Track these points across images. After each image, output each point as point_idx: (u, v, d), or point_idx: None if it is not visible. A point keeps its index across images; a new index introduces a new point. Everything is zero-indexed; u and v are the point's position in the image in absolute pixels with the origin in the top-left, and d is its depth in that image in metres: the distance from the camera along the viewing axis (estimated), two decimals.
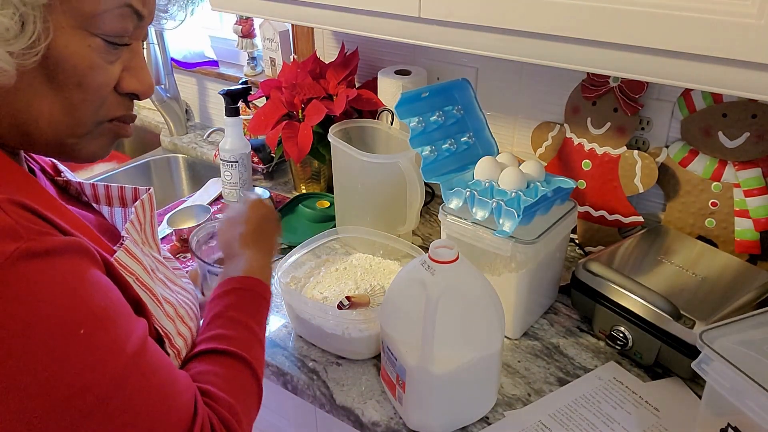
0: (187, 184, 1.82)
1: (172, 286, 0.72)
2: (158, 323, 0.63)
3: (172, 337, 0.65)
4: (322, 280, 1.08)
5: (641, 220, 1.15)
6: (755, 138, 1.03)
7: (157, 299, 0.64)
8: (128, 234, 0.65)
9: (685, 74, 0.75)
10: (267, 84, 1.38)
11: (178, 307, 0.69)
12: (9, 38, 0.49)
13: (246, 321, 0.71)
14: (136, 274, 0.62)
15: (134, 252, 0.63)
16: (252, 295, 0.74)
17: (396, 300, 0.86)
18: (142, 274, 0.63)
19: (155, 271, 0.68)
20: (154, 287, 0.64)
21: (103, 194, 0.72)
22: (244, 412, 0.65)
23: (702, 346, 0.74)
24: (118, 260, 0.60)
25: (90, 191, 0.72)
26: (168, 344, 0.64)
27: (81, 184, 0.72)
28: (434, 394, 0.82)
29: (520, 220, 0.90)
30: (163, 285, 0.69)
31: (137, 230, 0.68)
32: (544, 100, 1.25)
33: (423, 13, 0.92)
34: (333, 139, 1.18)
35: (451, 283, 0.79)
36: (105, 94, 0.58)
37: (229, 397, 0.63)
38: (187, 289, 0.76)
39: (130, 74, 0.59)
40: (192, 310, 0.73)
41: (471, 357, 0.81)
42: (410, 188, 1.13)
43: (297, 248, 1.09)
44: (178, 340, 0.66)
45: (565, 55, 0.83)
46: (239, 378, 0.67)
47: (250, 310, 0.73)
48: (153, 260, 0.69)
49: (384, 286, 1.05)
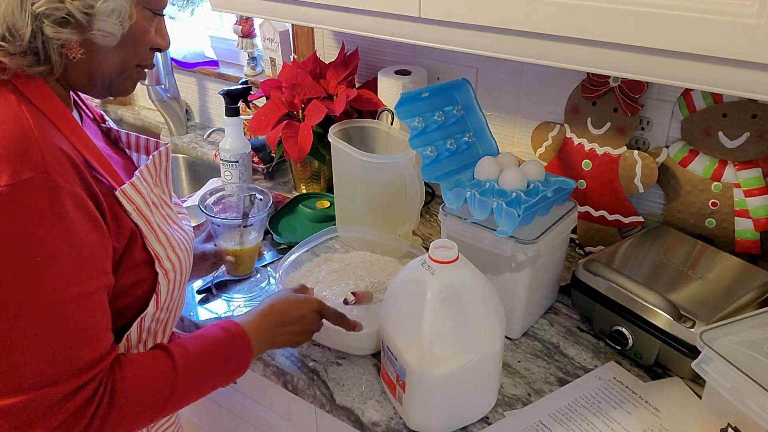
0: (187, 184, 1.82)
1: (170, 222, 0.85)
2: (150, 245, 0.79)
3: (161, 258, 0.80)
4: (323, 279, 1.08)
5: (641, 220, 1.15)
6: (755, 138, 1.02)
7: (152, 227, 0.79)
8: (140, 175, 0.79)
9: (685, 74, 0.75)
10: (267, 84, 1.38)
11: (170, 238, 0.82)
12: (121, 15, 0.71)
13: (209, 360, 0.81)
14: (136, 203, 0.77)
15: (139, 187, 0.78)
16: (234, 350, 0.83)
17: (396, 300, 0.86)
18: (141, 205, 0.78)
19: (158, 207, 0.83)
20: (150, 217, 0.79)
21: (134, 143, 0.88)
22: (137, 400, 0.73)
23: (702, 346, 0.75)
24: (124, 191, 0.75)
25: (125, 139, 0.89)
26: (157, 264, 0.79)
27: (119, 131, 0.89)
28: (434, 395, 0.82)
29: (520, 220, 0.90)
30: (163, 219, 0.83)
31: (150, 174, 0.82)
32: (544, 100, 1.25)
33: (423, 13, 0.92)
34: (333, 139, 1.18)
35: (451, 283, 0.79)
36: (146, 50, 0.79)
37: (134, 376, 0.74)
38: (185, 229, 0.89)
39: (159, 35, 0.80)
40: (184, 244, 0.85)
41: (471, 357, 0.82)
42: (410, 188, 1.13)
43: (296, 247, 1.09)
44: (166, 262, 0.81)
45: (565, 55, 0.83)
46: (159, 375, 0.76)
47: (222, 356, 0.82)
48: (159, 199, 0.84)
49: (384, 282, 1.05)
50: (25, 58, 0.69)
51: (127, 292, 0.77)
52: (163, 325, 0.86)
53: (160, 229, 0.81)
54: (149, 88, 1.75)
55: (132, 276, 0.77)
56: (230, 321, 0.85)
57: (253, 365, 1.01)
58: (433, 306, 0.78)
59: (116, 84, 0.79)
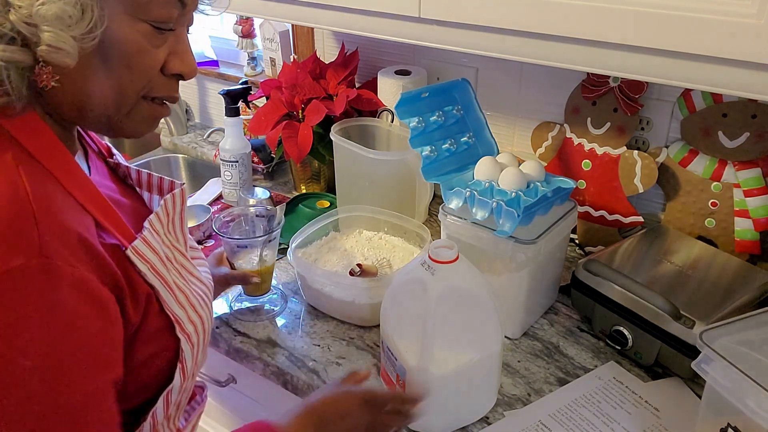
0: (187, 184, 1.81)
1: (187, 276, 0.74)
2: (169, 308, 0.67)
3: (182, 322, 0.69)
4: (330, 256, 1.13)
5: (641, 220, 1.15)
6: (755, 138, 1.02)
7: (169, 287, 0.68)
8: (150, 225, 0.68)
9: (685, 74, 0.75)
10: (267, 84, 1.39)
11: (190, 296, 0.71)
12: (71, 24, 0.56)
13: None
14: (150, 262, 0.66)
15: (151, 242, 0.67)
16: None
17: (396, 300, 0.86)
18: (156, 263, 0.66)
19: (172, 261, 0.71)
20: (167, 275, 0.68)
21: (145, 181, 0.77)
22: None
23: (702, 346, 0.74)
24: (135, 248, 0.64)
25: (135, 176, 0.78)
26: (178, 329, 0.68)
27: (128, 168, 0.78)
28: (434, 394, 0.82)
29: (520, 220, 0.90)
30: (179, 274, 0.72)
31: (161, 222, 0.71)
32: (544, 100, 1.25)
33: (423, 13, 0.92)
34: (337, 138, 1.19)
35: (451, 283, 0.79)
36: (151, 75, 0.64)
37: None
38: (203, 280, 0.78)
39: (175, 57, 0.65)
40: (204, 300, 0.75)
41: (471, 357, 0.82)
42: (419, 183, 1.14)
43: (305, 227, 1.12)
44: (188, 325, 0.70)
45: (565, 55, 0.83)
46: None
47: None
48: (173, 250, 0.73)
49: (389, 259, 1.11)
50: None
51: (145, 367, 0.66)
52: (187, 394, 0.76)
53: (178, 287, 0.69)
54: None
55: (150, 348, 0.66)
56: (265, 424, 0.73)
57: (253, 365, 1.01)
58: (433, 306, 0.78)
59: (117, 121, 0.64)
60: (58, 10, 0.55)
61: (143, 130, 0.68)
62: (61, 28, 0.55)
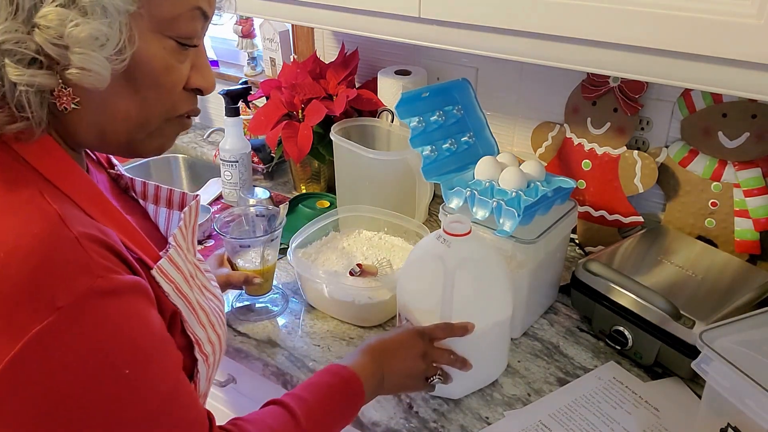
0: (187, 184, 1.82)
1: (206, 293, 0.72)
2: (190, 329, 0.65)
3: (202, 343, 0.67)
4: (330, 256, 1.13)
5: (641, 220, 1.15)
6: (755, 138, 1.02)
7: (192, 307, 0.66)
8: (175, 241, 0.66)
9: (685, 74, 0.75)
10: (267, 84, 1.38)
11: (210, 315, 0.70)
12: (104, 44, 0.53)
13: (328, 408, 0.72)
14: (175, 282, 0.63)
15: (176, 261, 0.65)
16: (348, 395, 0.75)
17: (413, 273, 0.91)
18: (181, 283, 0.64)
19: (194, 278, 0.70)
20: (189, 295, 0.66)
21: (152, 193, 0.74)
22: None
23: (702, 346, 0.74)
24: (161, 268, 0.62)
25: (140, 188, 0.75)
26: (197, 350, 0.66)
27: (132, 180, 0.75)
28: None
29: (521, 219, 0.90)
30: (200, 293, 0.70)
31: (183, 236, 0.69)
32: (544, 100, 1.25)
33: (423, 13, 0.92)
34: (337, 138, 1.19)
35: (466, 254, 0.84)
36: (177, 92, 0.61)
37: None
38: (217, 296, 0.77)
39: (196, 72, 0.62)
40: (221, 318, 0.74)
41: (486, 323, 0.86)
42: (419, 183, 1.14)
43: (304, 227, 1.12)
44: (207, 346, 0.68)
45: (565, 55, 0.83)
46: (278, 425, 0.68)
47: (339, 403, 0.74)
48: (193, 267, 0.70)
49: (389, 259, 1.11)
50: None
51: None
52: None
53: (201, 306, 0.68)
54: None
55: None
56: (336, 365, 0.76)
57: (253, 365, 1.01)
58: (451, 276, 0.83)
59: (138, 142, 0.62)
60: (93, 30, 0.51)
61: (165, 147, 0.65)
62: (94, 49, 0.52)
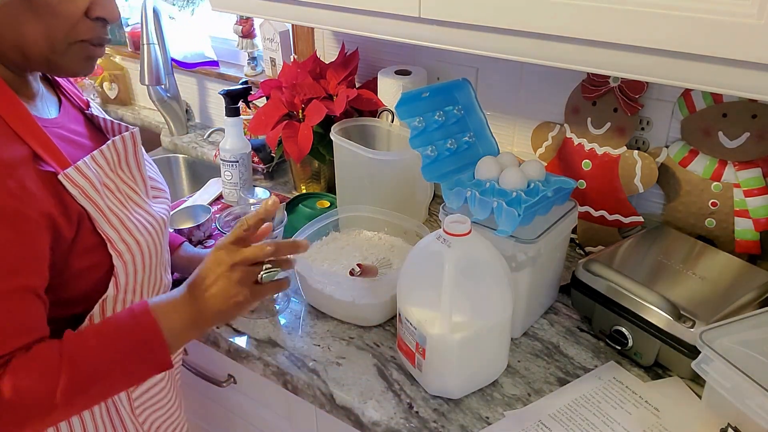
0: (188, 184, 1.82)
1: (131, 206, 0.85)
2: (101, 229, 0.78)
3: (113, 241, 0.80)
4: (330, 255, 1.13)
5: (641, 220, 1.15)
6: (755, 138, 1.02)
7: (101, 210, 0.79)
8: (92, 159, 0.80)
9: (685, 74, 0.75)
10: (267, 84, 1.39)
11: (125, 221, 0.82)
12: None
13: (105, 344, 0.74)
14: (81, 187, 0.76)
15: (85, 172, 0.77)
16: (137, 332, 0.76)
17: (413, 273, 0.91)
18: (87, 188, 0.77)
19: (113, 191, 0.83)
20: (98, 200, 0.78)
21: (110, 128, 0.90)
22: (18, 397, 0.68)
23: (702, 346, 0.75)
24: (67, 175, 0.75)
25: (103, 124, 0.90)
26: (110, 246, 0.79)
27: (99, 118, 0.90)
28: (453, 359, 0.87)
29: (521, 219, 0.90)
30: (120, 203, 0.83)
31: (107, 159, 0.82)
32: (544, 100, 1.25)
33: (423, 13, 0.92)
34: (338, 138, 1.19)
35: (466, 254, 0.84)
36: (75, 20, 0.73)
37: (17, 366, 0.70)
38: (152, 213, 0.88)
39: (97, 3, 0.74)
40: (146, 228, 0.84)
41: (486, 322, 0.87)
42: (419, 184, 1.14)
43: (304, 227, 1.13)
44: (120, 245, 0.80)
45: (565, 55, 0.83)
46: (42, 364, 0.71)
47: (123, 341, 0.75)
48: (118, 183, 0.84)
49: (389, 259, 1.11)
50: None
51: (82, 276, 0.78)
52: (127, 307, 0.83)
53: (112, 211, 0.80)
54: (149, 88, 1.75)
55: (86, 260, 0.78)
56: (140, 302, 0.78)
57: (253, 365, 1.01)
58: (451, 276, 0.83)
59: (55, 61, 0.75)
60: None
61: (81, 69, 0.78)
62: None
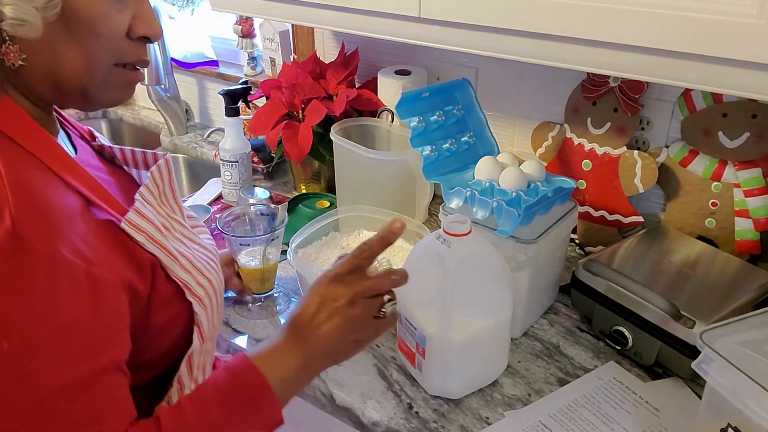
0: (187, 184, 1.82)
1: (188, 243, 0.76)
2: (175, 275, 0.69)
3: (191, 286, 0.71)
4: (330, 256, 1.12)
5: (641, 220, 1.15)
6: (755, 138, 1.02)
7: (171, 254, 0.69)
8: (142, 197, 0.70)
9: (685, 74, 0.75)
10: (267, 84, 1.39)
11: (194, 261, 0.73)
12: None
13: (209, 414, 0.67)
14: (147, 232, 0.67)
15: (145, 213, 0.68)
16: (245, 392, 0.69)
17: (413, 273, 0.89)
18: (153, 233, 0.68)
19: (171, 230, 0.74)
20: (166, 243, 0.69)
21: (130, 158, 0.79)
22: None
23: (702, 346, 0.74)
24: (129, 220, 0.66)
25: (119, 155, 0.79)
26: (188, 293, 0.70)
27: (112, 148, 0.79)
28: (453, 359, 0.87)
29: (521, 219, 0.90)
30: (179, 242, 0.74)
31: (152, 193, 0.73)
32: (544, 100, 1.25)
33: (423, 13, 0.92)
34: (337, 139, 1.18)
35: (466, 254, 0.83)
36: (117, 40, 0.64)
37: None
38: (205, 246, 0.80)
39: (139, 20, 0.65)
40: (210, 264, 0.77)
41: (486, 322, 0.87)
42: (419, 184, 1.14)
43: (304, 227, 1.12)
44: (198, 289, 0.72)
45: (565, 55, 0.83)
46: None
47: (230, 405, 0.67)
48: (170, 220, 0.75)
49: (389, 259, 1.10)
50: None
51: (163, 333, 0.69)
52: (210, 356, 0.77)
53: (180, 253, 0.71)
54: (149, 88, 1.75)
55: (165, 314, 0.68)
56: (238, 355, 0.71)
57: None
58: (451, 276, 0.82)
59: (93, 92, 0.65)
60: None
61: (120, 97, 0.69)
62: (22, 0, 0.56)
